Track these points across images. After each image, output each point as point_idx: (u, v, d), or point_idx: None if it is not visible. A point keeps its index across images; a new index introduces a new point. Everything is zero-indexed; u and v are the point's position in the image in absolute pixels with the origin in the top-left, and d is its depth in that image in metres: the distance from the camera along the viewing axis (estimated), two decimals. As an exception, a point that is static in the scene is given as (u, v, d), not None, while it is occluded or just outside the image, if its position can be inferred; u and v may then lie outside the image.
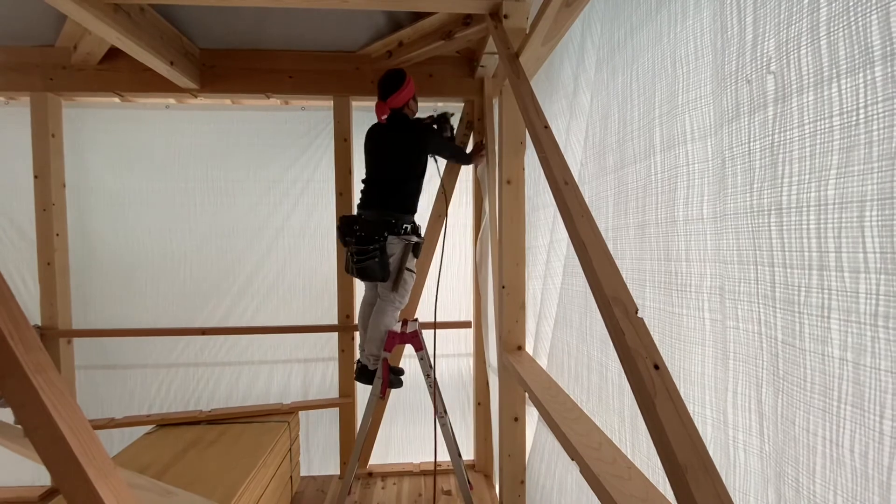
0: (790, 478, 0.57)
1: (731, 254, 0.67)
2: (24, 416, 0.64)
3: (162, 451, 2.19)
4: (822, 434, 0.52)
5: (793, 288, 0.56)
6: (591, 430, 1.16)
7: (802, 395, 0.54)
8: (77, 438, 0.64)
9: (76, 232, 2.74)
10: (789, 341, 0.56)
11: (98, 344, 2.79)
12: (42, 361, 0.67)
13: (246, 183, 2.80)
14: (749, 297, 0.64)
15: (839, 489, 0.51)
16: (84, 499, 0.62)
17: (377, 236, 2.10)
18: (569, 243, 1.40)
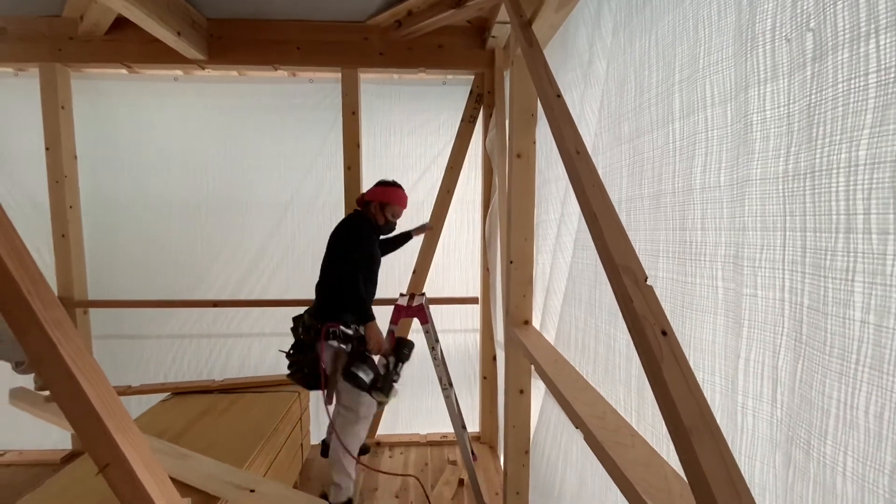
0: (802, 440, 0.57)
1: (752, 220, 0.66)
2: (43, 370, 0.66)
3: (177, 418, 2.26)
4: (837, 397, 0.52)
5: (819, 252, 0.54)
6: (596, 399, 1.17)
7: (821, 359, 0.54)
8: (96, 392, 0.65)
9: (89, 204, 2.77)
10: (815, 306, 0.55)
11: (115, 314, 2.85)
12: (60, 318, 0.68)
13: (255, 157, 2.79)
14: (772, 264, 0.62)
15: (850, 450, 0.51)
16: (104, 450, 0.64)
17: (307, 342, 2.08)
18: (580, 217, 1.38)
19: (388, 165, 2.82)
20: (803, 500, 0.57)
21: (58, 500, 1.59)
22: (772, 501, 0.64)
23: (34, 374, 2.63)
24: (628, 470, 0.86)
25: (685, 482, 0.83)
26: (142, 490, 0.65)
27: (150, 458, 0.69)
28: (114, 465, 0.65)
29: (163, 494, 0.68)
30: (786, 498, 0.60)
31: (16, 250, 0.70)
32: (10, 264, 0.67)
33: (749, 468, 0.67)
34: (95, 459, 0.66)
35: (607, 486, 1.15)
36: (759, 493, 0.65)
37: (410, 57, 2.57)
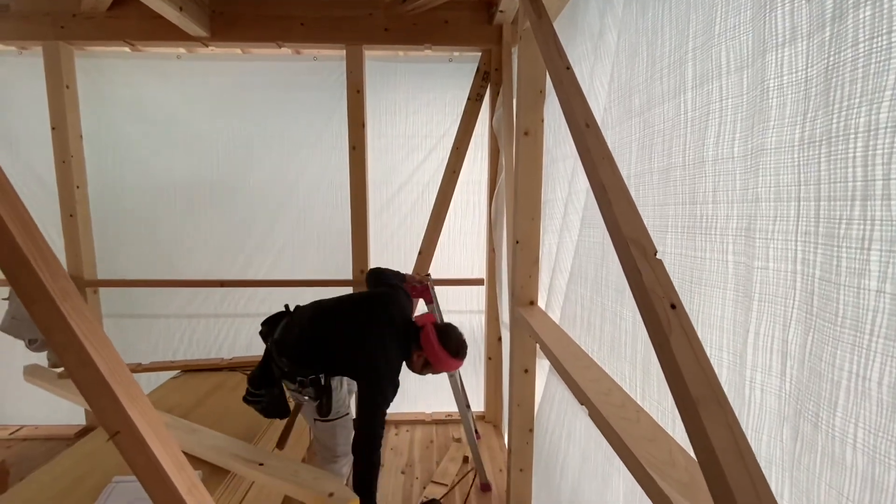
0: (810, 413, 0.56)
1: (766, 191, 0.64)
2: (53, 340, 0.66)
3: (187, 395, 2.30)
4: (849, 368, 0.51)
5: (834, 221, 0.53)
6: (602, 377, 1.17)
7: (833, 331, 0.53)
8: (105, 361, 0.66)
9: (95, 185, 2.77)
10: (827, 277, 0.54)
11: (126, 294, 2.88)
12: (68, 289, 0.68)
13: (259, 137, 2.77)
14: (785, 235, 0.61)
15: (861, 421, 0.50)
16: (114, 418, 0.65)
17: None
18: (588, 194, 1.36)
19: (394, 146, 2.79)
20: (810, 472, 0.57)
21: (72, 471, 1.63)
22: (778, 475, 0.64)
23: (47, 352, 2.69)
24: (633, 445, 0.86)
25: (690, 457, 0.83)
26: (151, 457, 0.66)
27: (160, 427, 0.70)
28: (124, 432, 0.66)
29: (172, 462, 0.69)
30: (792, 471, 0.60)
31: (22, 222, 0.70)
32: (17, 235, 0.67)
33: (756, 442, 0.66)
34: (106, 427, 0.67)
35: (610, 462, 1.15)
36: (766, 467, 0.65)
37: (416, 33, 2.52)
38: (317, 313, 1.84)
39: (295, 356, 1.73)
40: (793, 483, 0.60)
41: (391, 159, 2.80)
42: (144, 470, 0.66)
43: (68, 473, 1.62)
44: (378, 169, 2.79)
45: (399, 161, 2.81)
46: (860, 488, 0.51)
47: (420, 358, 1.85)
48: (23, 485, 1.56)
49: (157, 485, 0.66)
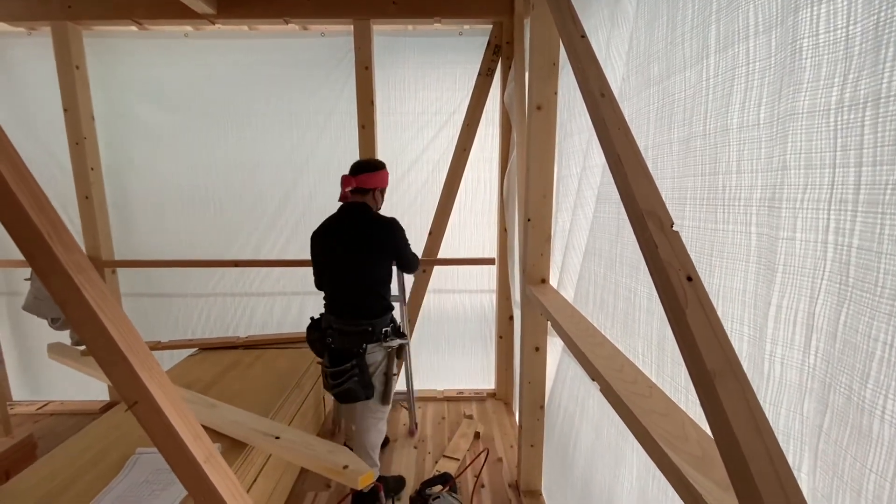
0: (843, 386, 0.54)
1: (795, 158, 0.61)
2: (69, 312, 0.67)
3: (204, 372, 2.35)
4: (884, 339, 0.49)
5: (879, 187, 0.50)
6: (614, 353, 1.16)
7: (871, 301, 0.50)
8: (120, 334, 0.67)
9: (110, 165, 2.80)
10: (866, 245, 0.51)
11: (144, 274, 2.93)
12: (82, 262, 0.69)
13: (268, 115, 2.75)
14: (815, 205, 0.58)
15: (892, 392, 0.48)
16: (131, 388, 0.66)
17: (355, 348, 1.81)
18: (603, 169, 1.33)
19: (403, 123, 2.75)
20: (838, 445, 0.55)
21: (98, 443, 1.69)
22: (797, 448, 0.62)
23: (70, 331, 2.77)
24: (645, 419, 0.86)
25: (703, 431, 0.82)
26: (168, 426, 0.67)
27: (177, 398, 0.72)
28: (141, 402, 0.67)
29: (189, 431, 0.71)
30: (818, 445, 0.59)
31: (35, 197, 0.70)
32: (31, 210, 0.67)
33: (774, 415, 0.65)
34: (124, 397, 0.68)
35: (623, 437, 1.15)
36: (783, 440, 0.64)
37: (425, 6, 2.45)
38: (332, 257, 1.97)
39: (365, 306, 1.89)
40: (817, 456, 0.59)
41: (401, 138, 2.77)
42: (162, 438, 0.67)
43: (94, 445, 1.68)
44: (387, 148, 2.76)
45: (409, 139, 2.77)
46: (885, 459, 0.50)
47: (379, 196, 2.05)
48: (50, 456, 1.62)
49: (175, 453, 0.68)
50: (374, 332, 1.85)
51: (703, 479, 0.69)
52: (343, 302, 1.92)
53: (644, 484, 1.05)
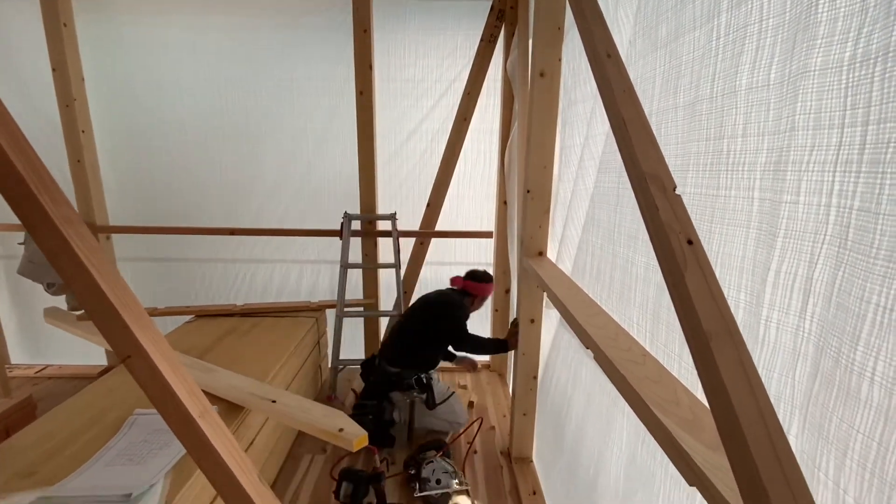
0: (832, 349, 0.54)
1: (804, 119, 0.59)
2: (59, 266, 0.66)
3: (201, 338, 2.37)
4: (876, 301, 0.49)
5: (881, 145, 0.49)
6: (609, 322, 1.17)
7: (865, 263, 0.50)
8: (111, 288, 0.66)
9: (103, 130, 2.73)
10: (866, 207, 0.50)
11: (142, 239, 2.90)
12: (70, 215, 0.67)
13: (266, 82, 2.68)
14: (821, 167, 0.57)
15: (882, 353, 0.48)
16: (123, 342, 0.66)
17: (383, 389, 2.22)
18: (606, 138, 1.30)
19: (403, 91, 2.69)
20: (825, 407, 0.56)
21: (96, 404, 1.71)
22: (787, 411, 0.63)
23: (66, 296, 2.77)
24: (638, 385, 0.87)
25: (695, 397, 0.83)
26: (162, 380, 0.67)
27: (170, 354, 0.72)
28: (134, 356, 0.67)
29: (184, 387, 0.71)
30: (807, 408, 0.59)
31: (21, 149, 0.68)
32: (17, 162, 0.66)
33: (766, 380, 0.65)
34: (117, 352, 0.68)
35: (614, 404, 1.17)
36: (774, 403, 0.64)
37: (427, -34, 2.36)
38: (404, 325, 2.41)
39: (404, 358, 2.29)
40: (805, 418, 0.59)
41: (400, 105, 2.71)
42: (157, 393, 0.68)
43: (93, 406, 1.70)
44: (386, 116, 2.70)
45: (408, 107, 2.71)
46: (873, 420, 0.50)
47: (476, 301, 2.45)
48: (50, 415, 1.64)
49: (170, 407, 0.68)
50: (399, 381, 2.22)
51: (693, 440, 0.70)
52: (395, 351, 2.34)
53: (633, 449, 1.07)
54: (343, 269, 2.62)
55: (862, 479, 0.52)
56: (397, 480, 2.02)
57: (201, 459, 0.72)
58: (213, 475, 0.73)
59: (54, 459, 1.40)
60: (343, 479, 1.77)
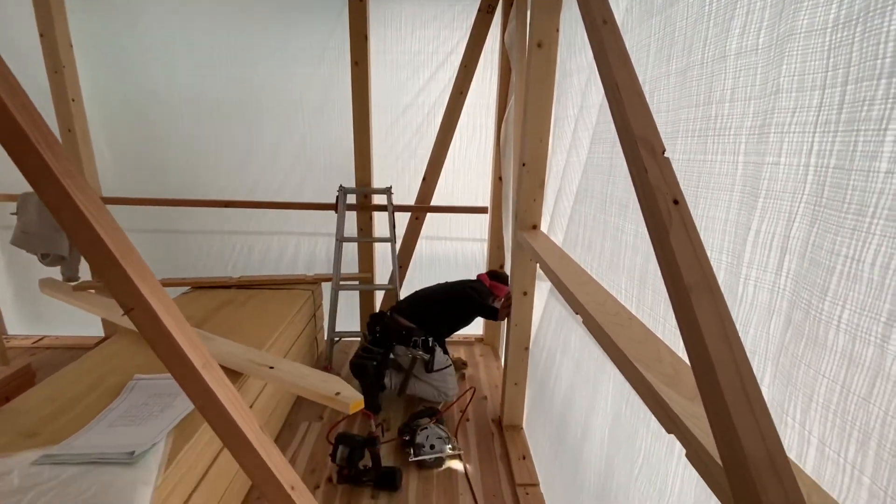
0: (804, 301, 0.58)
1: (788, 81, 0.61)
2: (61, 219, 0.67)
3: (198, 308, 2.39)
4: (845, 253, 0.52)
5: (857, 104, 0.51)
6: (598, 290, 1.20)
7: (837, 218, 0.53)
8: (113, 241, 0.68)
9: (94, 100, 2.68)
10: (841, 164, 0.53)
11: (140, 210, 2.87)
12: (70, 169, 0.68)
13: (260, 51, 2.63)
14: (802, 127, 0.59)
15: (849, 303, 0.51)
16: (127, 294, 0.68)
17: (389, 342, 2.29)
18: (600, 108, 1.31)
19: (399, 62, 2.66)
20: (794, 356, 0.59)
21: (96, 370, 1.74)
22: (761, 363, 0.67)
23: (61, 267, 2.77)
24: (624, 345, 0.91)
25: (676, 355, 0.87)
26: (165, 331, 0.70)
27: (172, 306, 0.74)
28: (137, 308, 0.69)
29: (186, 339, 0.73)
30: (779, 358, 0.63)
31: (22, 104, 0.68)
32: (19, 116, 0.66)
33: (743, 334, 0.69)
34: (120, 303, 0.70)
35: (602, 369, 1.22)
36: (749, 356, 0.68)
37: (424, -68, 2.30)
38: (435, 291, 2.51)
39: (422, 318, 2.35)
40: (777, 368, 0.63)
41: (396, 77, 2.68)
42: (160, 343, 0.70)
43: (92, 372, 1.74)
44: (381, 89, 2.67)
45: (404, 80, 2.68)
46: (837, 365, 0.54)
47: (497, 302, 2.45)
48: (49, 381, 1.67)
49: (173, 358, 0.71)
50: (408, 336, 2.29)
51: (674, 393, 0.74)
52: (413, 309, 2.42)
53: (618, 408, 1.12)
54: (339, 243, 2.64)
55: (825, 419, 0.56)
56: (392, 446, 2.08)
57: (205, 408, 0.75)
58: (217, 424, 0.77)
59: (56, 421, 1.43)
60: (339, 443, 1.83)
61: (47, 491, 1.13)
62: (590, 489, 1.26)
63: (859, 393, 0.51)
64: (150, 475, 1.20)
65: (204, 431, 1.42)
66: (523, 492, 1.79)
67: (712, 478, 0.60)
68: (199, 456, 1.40)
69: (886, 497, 0.50)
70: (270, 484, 0.83)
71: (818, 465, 0.58)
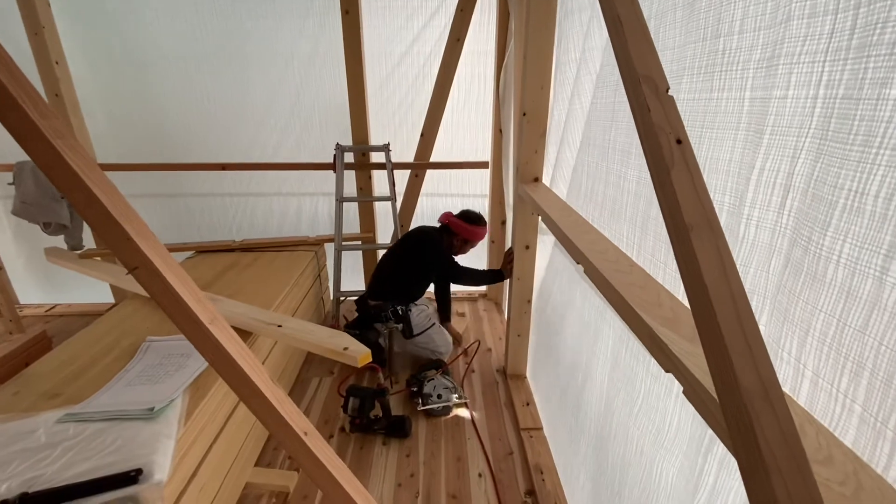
0: (804, 238, 0.57)
1: (800, 7, 0.58)
2: (55, 179, 0.67)
3: (203, 272, 2.42)
4: (849, 186, 0.51)
5: (869, 28, 0.48)
6: (600, 239, 1.20)
7: (843, 151, 0.51)
8: (110, 200, 0.67)
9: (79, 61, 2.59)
10: (849, 94, 0.51)
11: (136, 175, 2.84)
12: (60, 128, 0.67)
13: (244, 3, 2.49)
14: (812, 57, 0.56)
15: (850, 237, 0.51)
16: (129, 253, 0.69)
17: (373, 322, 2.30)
18: (603, 52, 1.26)
19: (392, 9, 2.53)
20: (792, 293, 0.60)
21: (110, 333, 1.79)
22: (759, 302, 0.67)
23: (64, 235, 2.78)
24: (624, 291, 0.91)
25: (676, 298, 0.88)
26: (170, 288, 0.71)
27: (174, 264, 0.74)
28: (141, 267, 0.70)
29: (191, 296, 0.74)
30: (776, 296, 0.64)
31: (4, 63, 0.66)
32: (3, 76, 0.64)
33: (743, 274, 0.69)
34: (124, 263, 0.71)
35: (601, 316, 1.24)
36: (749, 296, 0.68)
37: None
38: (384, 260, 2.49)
39: (383, 292, 2.35)
40: (774, 306, 0.64)
41: (390, 26, 2.56)
42: (166, 301, 0.71)
43: (107, 335, 1.79)
44: (375, 38, 2.56)
45: (398, 28, 2.56)
46: (835, 300, 0.54)
47: (458, 240, 2.43)
48: (66, 344, 1.72)
49: (180, 314, 0.72)
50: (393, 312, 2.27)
51: (672, 334, 0.76)
52: (375, 285, 2.43)
53: (617, 353, 1.15)
54: (339, 203, 2.62)
55: (820, 353, 0.58)
56: (400, 397, 2.17)
57: (216, 362, 0.78)
58: (229, 376, 0.79)
59: (76, 382, 1.49)
60: (350, 395, 1.90)
61: (74, 446, 1.19)
62: (590, 429, 1.32)
63: (855, 325, 0.52)
64: (171, 428, 1.26)
65: (220, 386, 1.47)
66: (527, 435, 1.88)
67: (708, 411, 0.63)
68: (218, 408, 1.46)
69: (876, 422, 0.51)
70: (284, 430, 0.87)
71: (811, 397, 0.60)
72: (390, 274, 2.40)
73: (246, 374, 0.78)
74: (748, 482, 0.50)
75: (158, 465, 1.12)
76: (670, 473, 0.90)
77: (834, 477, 0.51)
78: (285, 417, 0.84)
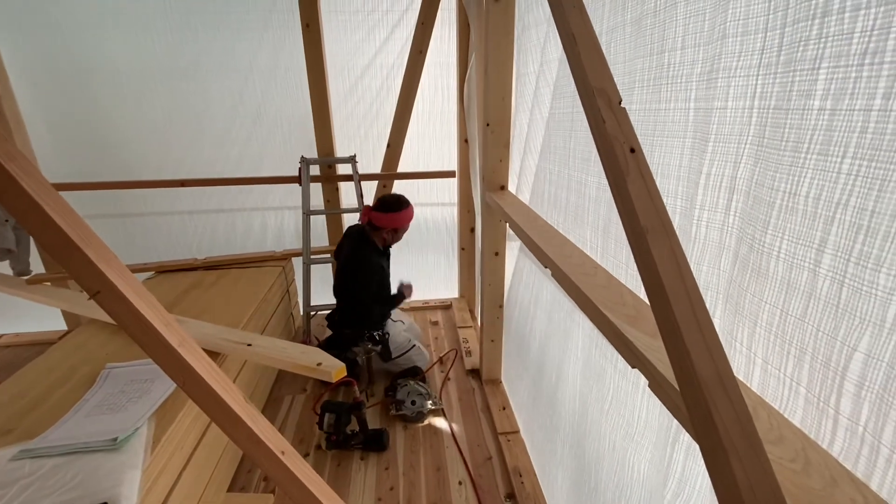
0: (748, 236, 0.62)
1: (734, 25, 0.63)
2: (7, 204, 0.64)
3: (166, 293, 2.33)
4: (784, 188, 0.56)
5: (794, 45, 0.53)
6: (565, 244, 1.25)
7: (777, 157, 0.56)
8: (68, 224, 0.65)
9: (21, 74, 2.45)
10: (780, 105, 0.56)
11: (90, 195, 2.70)
12: (12, 151, 0.64)
13: (200, 16, 2.45)
14: (746, 71, 0.62)
15: (787, 234, 0.56)
16: (90, 277, 0.66)
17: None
18: (559, 63, 1.31)
19: (353, 23, 2.54)
20: (741, 287, 0.65)
21: (65, 361, 1.69)
22: (713, 297, 0.72)
23: (9, 261, 2.61)
24: (589, 291, 0.96)
25: (638, 297, 0.93)
26: (136, 312, 0.69)
27: (138, 285, 0.72)
28: (103, 290, 0.67)
29: (158, 318, 0.73)
30: (728, 290, 0.68)
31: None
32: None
33: (696, 272, 0.74)
34: (85, 288, 0.68)
35: (570, 318, 1.28)
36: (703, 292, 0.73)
37: None
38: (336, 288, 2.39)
39: (349, 320, 2.27)
40: (726, 300, 0.69)
41: (351, 39, 2.57)
42: (132, 325, 0.69)
43: (61, 364, 1.69)
44: (337, 52, 2.56)
45: (359, 41, 2.58)
46: (777, 291, 0.59)
47: (386, 233, 2.29)
48: (18, 375, 1.62)
49: (149, 339, 0.70)
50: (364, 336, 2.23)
51: (636, 331, 0.80)
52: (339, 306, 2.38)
53: (588, 354, 1.19)
54: (306, 216, 2.59)
55: (767, 341, 0.63)
56: (378, 410, 2.15)
57: (187, 385, 0.75)
58: (201, 399, 0.77)
59: (30, 416, 1.40)
60: (325, 411, 1.87)
61: (30, 484, 1.12)
62: (566, 428, 1.35)
63: (795, 314, 0.57)
64: (136, 458, 1.20)
65: (188, 411, 1.42)
66: (505, 439, 1.90)
67: (671, 402, 0.66)
68: (186, 434, 1.41)
69: (819, 402, 0.56)
70: (261, 451, 0.85)
71: (762, 382, 0.65)
72: (347, 304, 2.30)
73: (219, 396, 0.76)
74: (710, 465, 0.53)
75: (125, 498, 1.07)
76: (642, 465, 0.94)
77: (785, 455, 0.56)
78: (261, 437, 0.83)
